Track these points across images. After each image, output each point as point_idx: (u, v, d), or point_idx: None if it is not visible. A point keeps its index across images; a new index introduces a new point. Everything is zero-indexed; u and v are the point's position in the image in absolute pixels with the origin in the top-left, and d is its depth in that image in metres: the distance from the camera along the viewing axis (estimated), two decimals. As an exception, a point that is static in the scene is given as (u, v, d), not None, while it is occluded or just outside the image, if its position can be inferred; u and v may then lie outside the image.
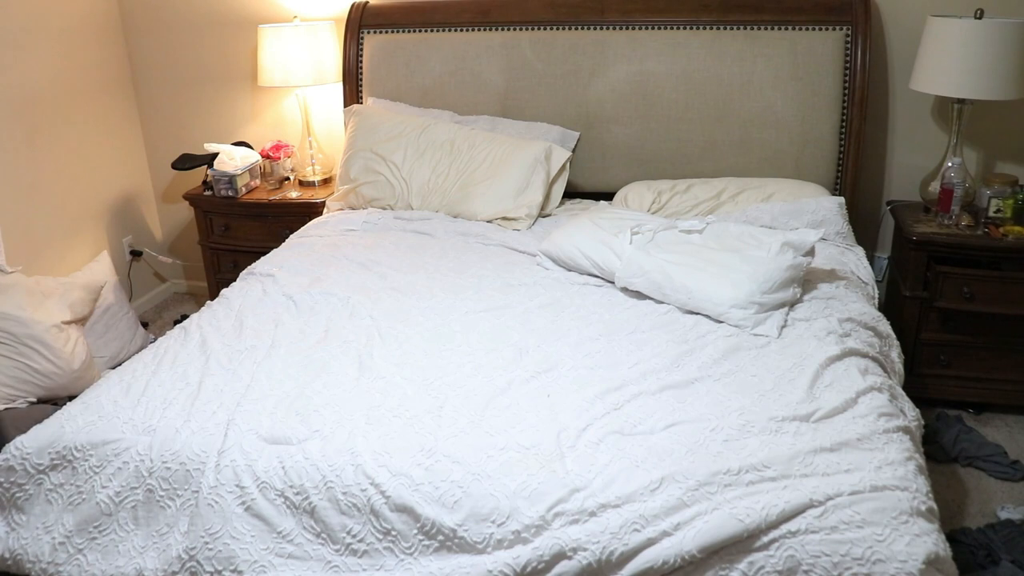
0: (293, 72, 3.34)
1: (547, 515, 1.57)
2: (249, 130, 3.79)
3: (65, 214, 3.50)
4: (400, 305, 2.35)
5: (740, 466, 1.62)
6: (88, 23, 3.58)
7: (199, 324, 2.29)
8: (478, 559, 1.57)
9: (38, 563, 1.80)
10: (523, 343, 2.12)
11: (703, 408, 1.83)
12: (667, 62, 3.07)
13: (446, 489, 1.63)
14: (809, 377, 1.92)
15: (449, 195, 3.06)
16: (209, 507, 1.70)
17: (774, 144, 3.05)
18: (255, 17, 3.58)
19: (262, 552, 1.68)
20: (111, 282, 3.35)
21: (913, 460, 1.66)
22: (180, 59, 3.77)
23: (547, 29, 3.19)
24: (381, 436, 1.76)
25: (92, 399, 1.96)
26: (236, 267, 3.24)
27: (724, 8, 3.05)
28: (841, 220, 2.79)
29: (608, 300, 2.36)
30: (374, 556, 1.64)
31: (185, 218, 4.01)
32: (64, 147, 3.48)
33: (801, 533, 1.49)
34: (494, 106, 3.28)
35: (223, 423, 1.82)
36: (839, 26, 2.96)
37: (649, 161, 3.16)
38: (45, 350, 2.80)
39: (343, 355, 2.09)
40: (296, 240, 2.93)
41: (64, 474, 1.83)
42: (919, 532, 1.49)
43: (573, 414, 1.81)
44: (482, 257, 2.68)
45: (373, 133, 3.20)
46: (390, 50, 3.34)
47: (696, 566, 1.51)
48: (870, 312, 2.31)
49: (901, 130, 3.18)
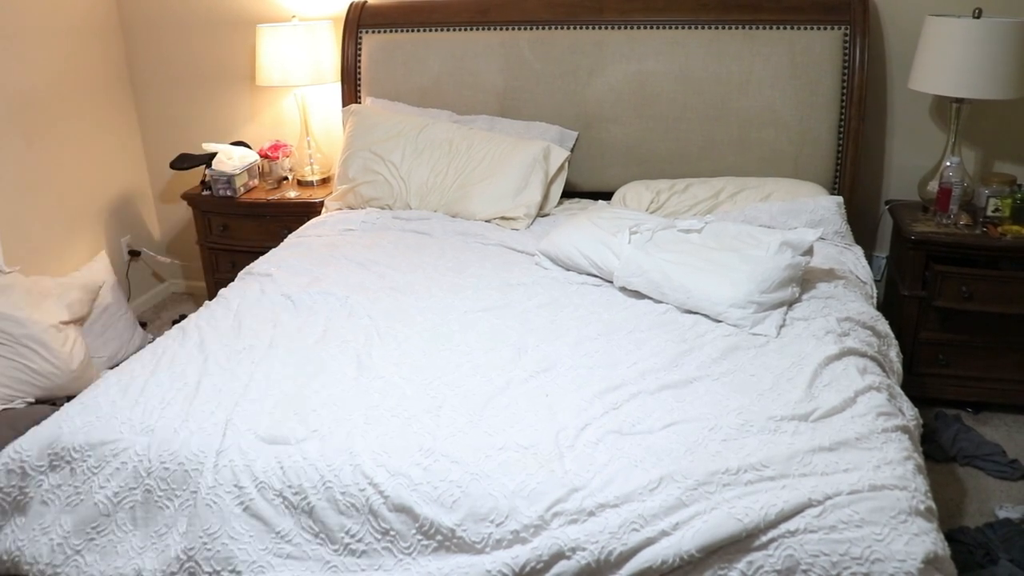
0: (291, 72, 3.34)
1: (546, 515, 1.56)
2: (247, 130, 3.79)
3: (63, 214, 3.50)
4: (399, 305, 2.34)
5: (739, 466, 1.61)
6: (86, 23, 3.57)
7: (197, 324, 2.29)
8: (477, 559, 1.57)
9: (36, 564, 1.79)
10: (522, 343, 2.12)
11: (702, 408, 1.83)
12: (666, 62, 3.07)
13: (445, 489, 1.63)
14: (808, 376, 1.92)
15: (448, 195, 3.05)
16: (207, 507, 1.70)
17: (773, 144, 3.05)
18: (253, 17, 3.58)
19: (261, 552, 1.67)
20: (109, 282, 3.35)
21: (912, 460, 1.66)
22: (178, 59, 3.77)
23: (546, 29, 3.19)
24: (379, 436, 1.76)
25: (90, 399, 1.95)
26: (234, 267, 3.23)
27: (723, 8, 3.05)
28: (840, 219, 2.79)
29: (607, 300, 2.36)
30: (373, 556, 1.64)
31: (183, 218, 4.00)
32: (62, 147, 3.48)
33: (800, 532, 1.49)
34: (492, 106, 3.28)
35: (221, 423, 1.82)
36: (837, 25, 2.96)
37: (648, 161, 3.16)
38: (43, 350, 2.79)
39: (341, 355, 2.09)
40: (294, 240, 2.93)
41: (62, 475, 1.82)
42: (918, 531, 1.48)
43: (572, 414, 1.81)
44: (481, 257, 2.68)
45: (371, 133, 3.20)
46: (388, 50, 3.34)
47: (695, 566, 1.50)
48: (869, 311, 2.30)
49: (899, 129, 3.18)
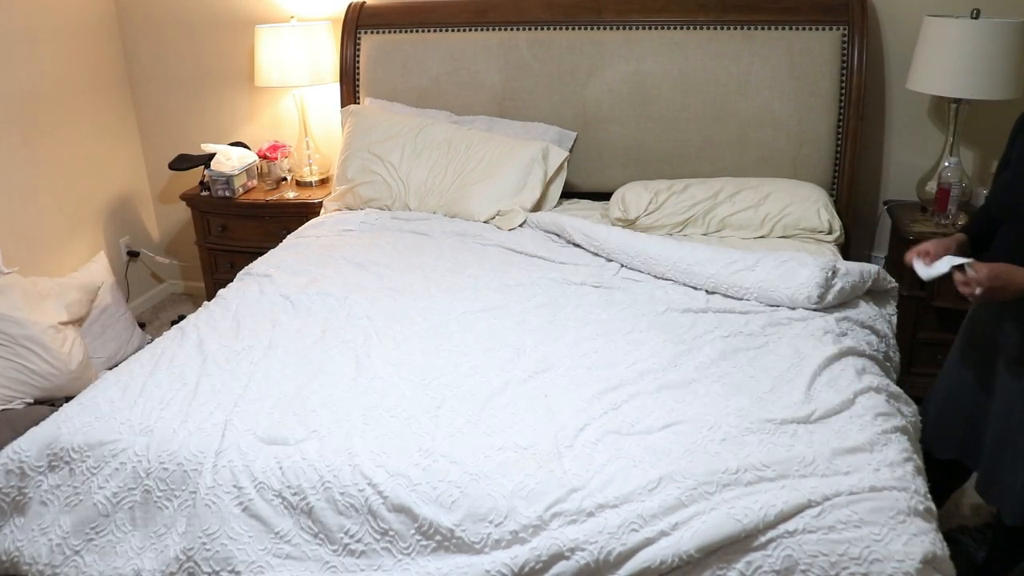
0: (290, 72, 3.34)
1: (545, 515, 1.56)
2: (246, 130, 3.79)
3: (62, 215, 3.50)
4: (397, 305, 2.34)
5: (738, 466, 1.62)
6: (85, 23, 3.57)
7: (196, 324, 2.29)
8: (476, 559, 1.57)
9: (35, 565, 1.79)
10: (520, 343, 2.12)
11: (701, 408, 1.83)
12: (664, 62, 3.07)
13: (444, 489, 1.63)
14: (807, 377, 1.92)
15: (446, 195, 3.05)
16: (207, 508, 1.70)
17: (771, 144, 3.05)
18: (252, 17, 3.58)
19: (260, 553, 1.67)
20: (108, 283, 3.35)
21: (911, 461, 1.66)
22: (177, 59, 3.77)
23: (544, 29, 3.19)
24: (378, 436, 1.76)
25: (89, 400, 1.95)
26: (233, 267, 3.23)
27: (721, 8, 3.05)
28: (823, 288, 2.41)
29: (605, 300, 2.36)
30: (372, 556, 1.64)
31: (182, 218, 4.00)
32: (61, 148, 3.47)
33: (799, 533, 1.50)
34: (491, 106, 3.28)
35: (220, 424, 1.82)
36: (836, 26, 2.96)
37: (646, 161, 3.16)
38: (42, 351, 2.79)
39: (340, 355, 2.09)
40: (293, 240, 2.93)
41: (61, 475, 1.82)
42: (916, 532, 1.49)
43: (571, 414, 1.81)
44: (479, 257, 2.67)
45: (370, 133, 3.20)
46: (387, 50, 3.34)
47: (694, 566, 1.51)
48: (867, 311, 2.31)
49: (898, 130, 3.18)
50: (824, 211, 2.78)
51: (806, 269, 2.29)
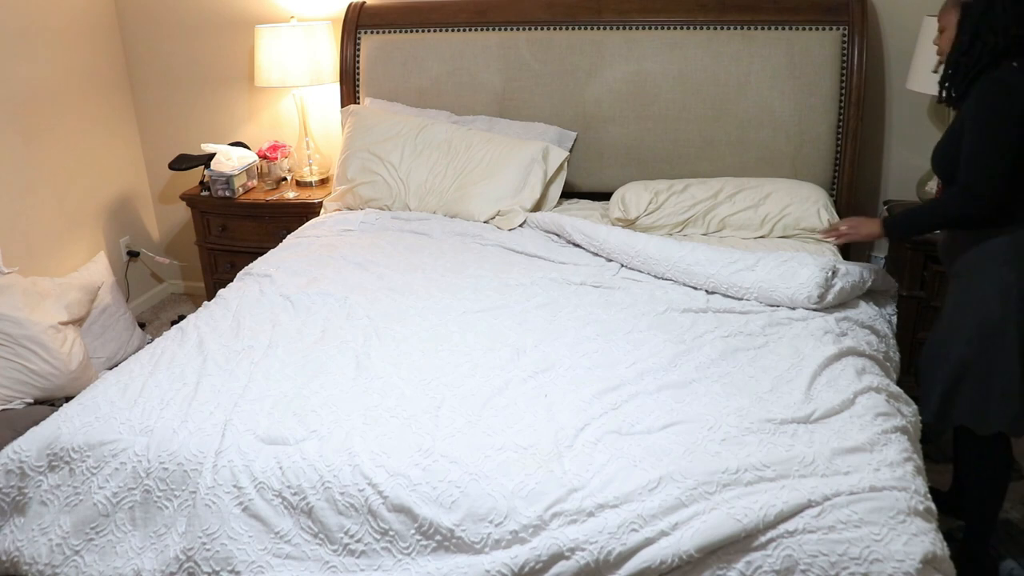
0: (290, 72, 3.34)
1: (545, 515, 1.57)
2: (246, 130, 3.79)
3: (62, 215, 3.50)
4: (397, 305, 2.34)
5: (738, 466, 1.62)
6: (84, 23, 3.57)
7: (196, 324, 2.29)
8: (475, 559, 1.57)
9: (35, 565, 1.79)
10: (520, 343, 2.12)
11: (701, 408, 1.83)
12: (664, 62, 3.07)
13: (444, 489, 1.63)
14: (807, 377, 1.92)
15: (446, 195, 3.05)
16: (207, 508, 1.70)
17: (771, 144, 3.05)
18: (252, 17, 3.58)
19: (260, 552, 1.67)
20: (108, 283, 3.35)
21: (911, 461, 1.66)
22: (177, 59, 3.77)
23: (544, 29, 3.19)
24: (378, 436, 1.76)
25: (89, 400, 1.95)
26: (233, 267, 3.23)
27: (721, 8, 3.05)
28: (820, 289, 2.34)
29: (605, 300, 2.36)
30: (372, 556, 1.64)
31: (182, 218, 4.00)
32: (61, 147, 3.47)
33: (799, 533, 1.50)
34: (491, 106, 3.28)
35: (220, 423, 1.82)
36: (836, 26, 2.96)
37: (646, 161, 3.16)
38: (42, 351, 2.79)
39: (340, 355, 2.09)
40: (293, 240, 2.93)
41: (61, 475, 1.82)
42: (916, 531, 1.49)
43: (571, 414, 1.81)
44: (479, 257, 2.68)
45: (370, 133, 3.20)
46: (387, 50, 3.34)
47: (694, 566, 1.51)
48: (867, 311, 2.31)
49: (898, 129, 3.18)
50: (824, 211, 2.78)
51: (806, 269, 2.29)
